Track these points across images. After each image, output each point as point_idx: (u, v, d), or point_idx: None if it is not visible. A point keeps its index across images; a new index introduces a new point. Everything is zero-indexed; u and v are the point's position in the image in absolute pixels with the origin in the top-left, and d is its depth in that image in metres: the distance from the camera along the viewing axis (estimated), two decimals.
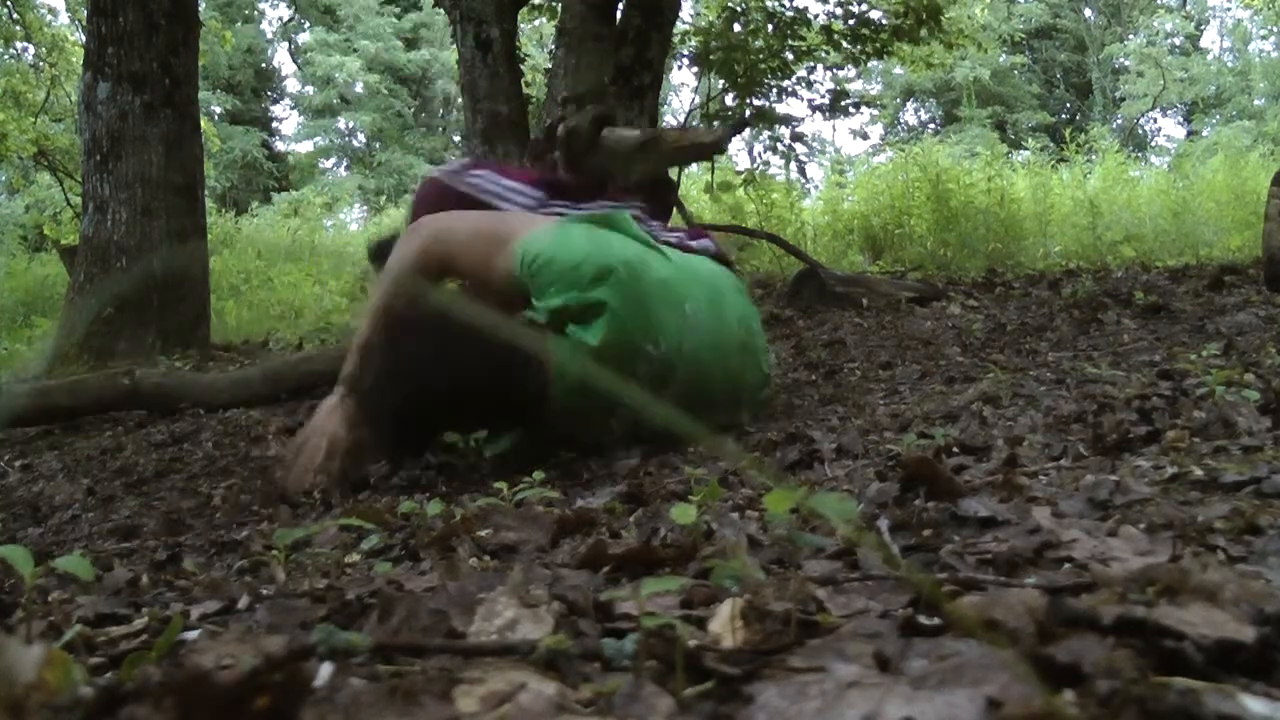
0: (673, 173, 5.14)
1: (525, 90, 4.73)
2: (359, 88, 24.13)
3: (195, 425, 2.95)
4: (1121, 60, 24.74)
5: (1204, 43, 25.90)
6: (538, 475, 1.43)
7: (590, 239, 1.66)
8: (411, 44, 24.75)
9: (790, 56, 5.94)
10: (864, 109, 8.47)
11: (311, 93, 24.98)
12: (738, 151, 17.07)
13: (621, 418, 1.63)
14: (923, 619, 0.54)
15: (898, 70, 19.54)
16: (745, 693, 0.46)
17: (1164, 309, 2.98)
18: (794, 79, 6.19)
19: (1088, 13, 26.07)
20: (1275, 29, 21.12)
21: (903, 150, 8.64)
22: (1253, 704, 0.40)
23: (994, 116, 23.60)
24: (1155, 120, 25.93)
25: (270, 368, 3.34)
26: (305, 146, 25.86)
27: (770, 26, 5.92)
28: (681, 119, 6.76)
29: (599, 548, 0.80)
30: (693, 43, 6.28)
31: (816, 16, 6.12)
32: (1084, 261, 5.62)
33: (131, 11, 4.21)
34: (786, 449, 1.44)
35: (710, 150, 4.39)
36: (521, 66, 4.71)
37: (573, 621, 0.59)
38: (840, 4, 6.13)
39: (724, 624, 0.56)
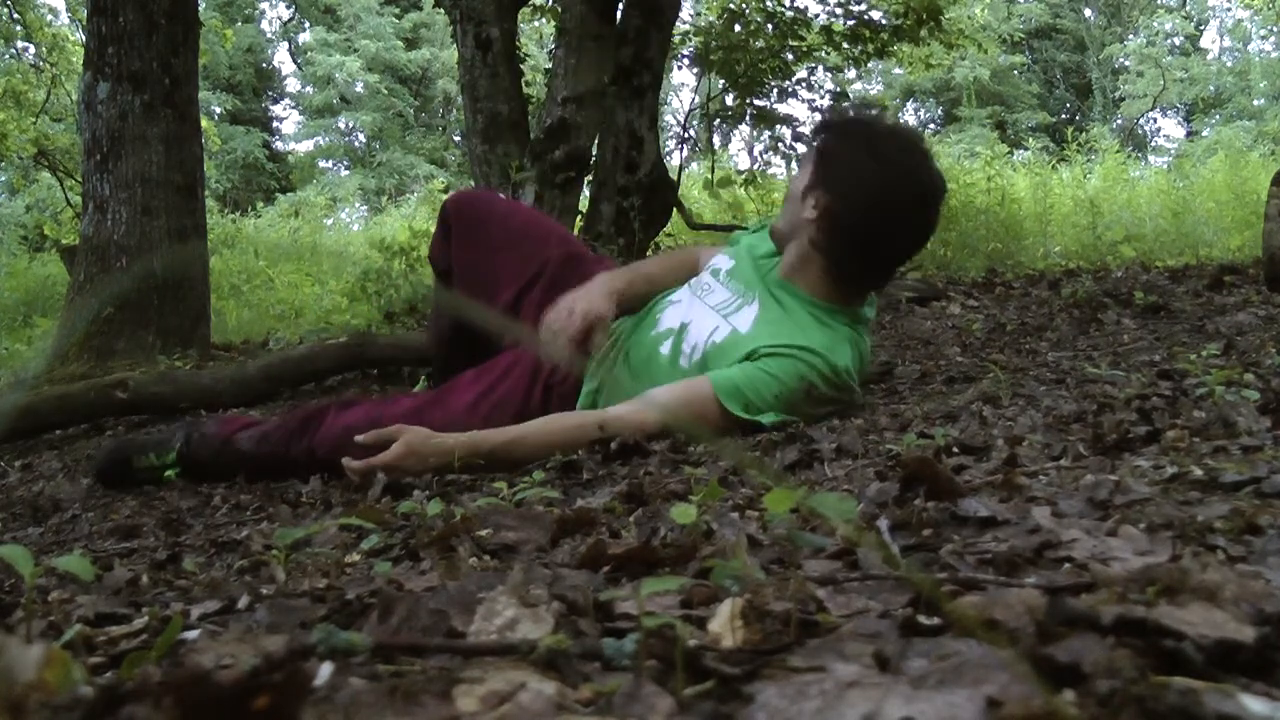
0: (672, 172, 5.14)
1: (525, 90, 4.73)
2: (359, 87, 24.13)
3: None
4: (1121, 60, 24.75)
5: (1204, 43, 25.94)
6: (538, 475, 1.43)
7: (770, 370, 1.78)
8: (411, 44, 24.75)
9: (790, 57, 5.95)
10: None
11: (311, 92, 24.98)
12: (738, 152, 17.07)
13: None
14: (923, 619, 0.54)
15: (898, 70, 19.54)
16: (745, 692, 0.46)
17: (1164, 309, 2.98)
18: (794, 80, 6.19)
19: (1088, 13, 26.08)
20: (1275, 29, 21.12)
21: None
22: (1253, 704, 0.40)
23: (994, 116, 23.61)
24: (1155, 120, 25.96)
25: (270, 365, 3.33)
26: (305, 146, 25.89)
27: (770, 27, 5.92)
28: (681, 119, 6.74)
29: (599, 547, 0.80)
30: (693, 43, 6.28)
31: (816, 17, 6.12)
32: (1084, 261, 5.62)
33: (131, 11, 4.21)
34: (786, 449, 1.44)
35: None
36: (521, 66, 4.71)
37: (573, 621, 0.59)
38: (840, 4, 6.13)
39: (724, 624, 0.56)
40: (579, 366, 1.92)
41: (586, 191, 4.77)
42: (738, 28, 5.87)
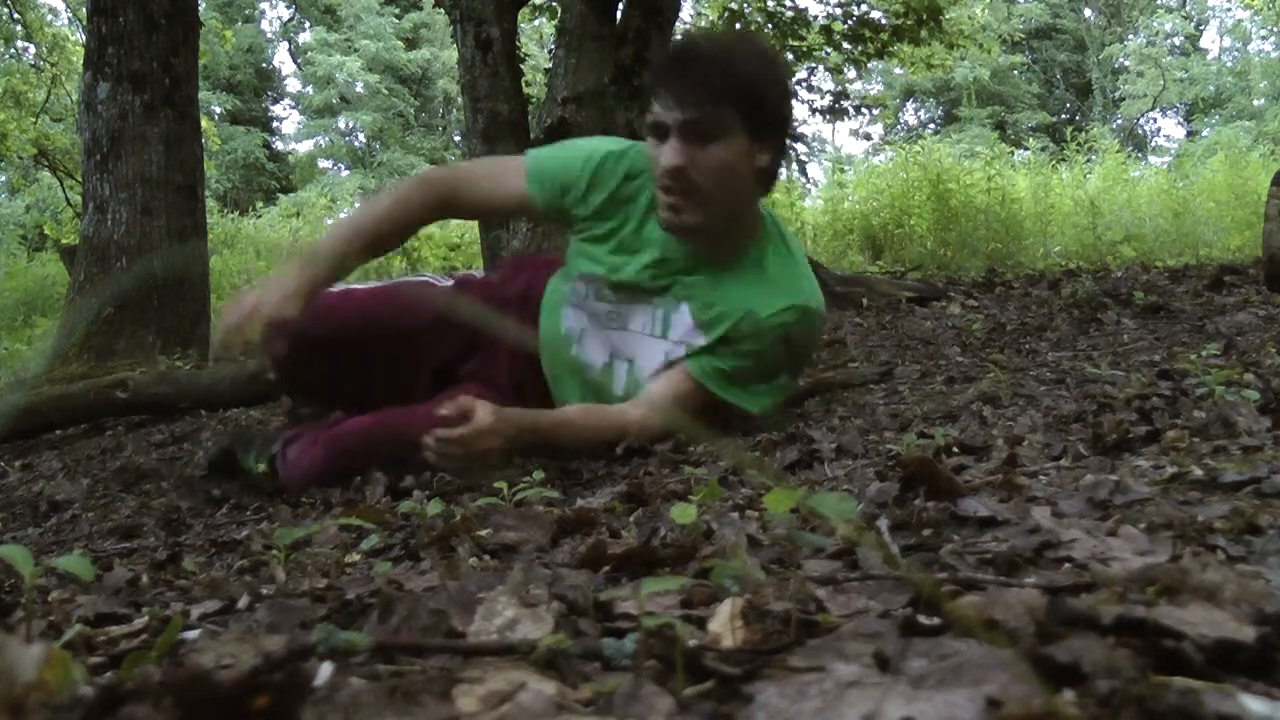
0: None
1: (525, 90, 4.73)
2: (359, 88, 24.14)
3: (195, 425, 2.95)
4: (1121, 60, 24.77)
5: (1204, 43, 25.97)
6: (538, 475, 1.43)
7: None
8: (412, 44, 24.75)
9: (790, 57, 5.95)
10: (865, 110, 8.49)
11: (311, 92, 24.99)
12: None
13: None
14: (923, 619, 0.54)
15: (898, 70, 19.54)
16: (745, 692, 0.46)
17: (1164, 309, 2.99)
18: (794, 80, 6.20)
19: (1088, 13, 26.09)
20: (1275, 29, 21.13)
21: (903, 150, 8.64)
22: (1253, 704, 0.40)
23: (994, 116, 23.63)
24: (1155, 120, 25.98)
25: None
26: (305, 146, 25.90)
27: (770, 27, 5.92)
28: None
29: (599, 547, 0.80)
30: None
31: (816, 18, 6.13)
32: (1084, 261, 5.62)
33: (131, 11, 4.21)
34: (786, 449, 1.44)
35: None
36: (521, 66, 4.71)
37: (573, 621, 0.59)
38: (840, 5, 6.14)
39: (724, 624, 0.56)
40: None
41: None
42: (738, 28, 5.87)
